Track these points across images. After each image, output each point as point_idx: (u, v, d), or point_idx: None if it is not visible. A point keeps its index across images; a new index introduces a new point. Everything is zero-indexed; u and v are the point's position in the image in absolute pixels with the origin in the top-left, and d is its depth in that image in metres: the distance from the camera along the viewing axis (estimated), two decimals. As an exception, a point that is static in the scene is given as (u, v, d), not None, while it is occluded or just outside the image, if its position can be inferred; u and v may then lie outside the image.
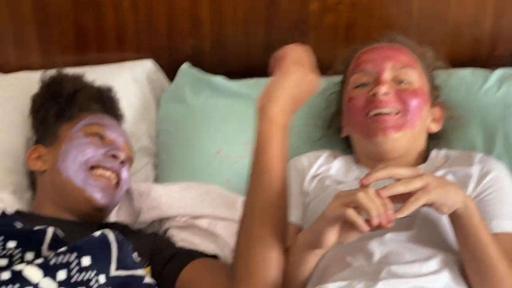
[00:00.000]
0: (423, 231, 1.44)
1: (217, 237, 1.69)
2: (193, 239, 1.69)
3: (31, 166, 1.71)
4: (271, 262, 1.40)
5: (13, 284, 1.22)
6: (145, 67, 2.02)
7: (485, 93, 1.86)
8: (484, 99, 1.85)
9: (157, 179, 1.90)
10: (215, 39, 2.03)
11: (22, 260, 1.32)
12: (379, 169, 1.32)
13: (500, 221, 1.46)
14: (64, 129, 1.71)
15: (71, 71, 1.86)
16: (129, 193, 1.76)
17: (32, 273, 1.25)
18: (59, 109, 1.77)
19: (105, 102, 1.83)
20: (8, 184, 1.79)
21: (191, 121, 1.91)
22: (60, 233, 1.38)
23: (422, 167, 1.60)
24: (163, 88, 2.04)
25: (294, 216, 1.56)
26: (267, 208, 1.43)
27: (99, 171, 1.65)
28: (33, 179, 1.75)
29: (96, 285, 1.27)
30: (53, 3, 1.98)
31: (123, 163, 1.69)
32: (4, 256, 1.32)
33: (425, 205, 1.31)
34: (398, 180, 1.32)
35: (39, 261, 1.27)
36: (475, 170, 1.55)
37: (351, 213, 1.29)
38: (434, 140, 1.71)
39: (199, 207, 1.73)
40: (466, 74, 1.90)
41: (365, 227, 1.28)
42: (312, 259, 1.42)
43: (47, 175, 1.67)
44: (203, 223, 1.71)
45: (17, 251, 1.33)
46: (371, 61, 1.64)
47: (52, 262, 1.27)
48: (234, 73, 1.99)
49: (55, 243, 1.34)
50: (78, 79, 1.84)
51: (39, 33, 2.00)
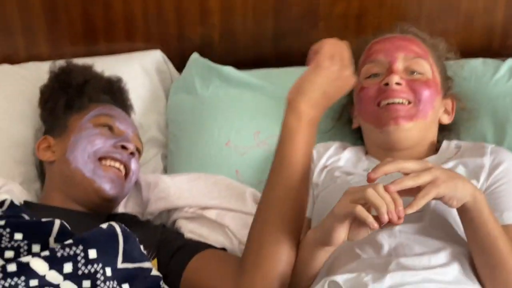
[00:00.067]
0: (433, 223, 1.43)
1: (226, 228, 1.68)
2: (201, 230, 1.68)
3: (40, 156, 1.71)
4: (282, 255, 1.40)
5: (19, 276, 1.22)
6: (154, 58, 2.02)
7: (496, 83, 1.84)
8: (494, 89, 1.84)
9: (166, 170, 1.90)
10: (224, 29, 2.02)
11: (28, 252, 1.31)
12: (387, 163, 1.31)
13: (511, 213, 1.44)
14: (73, 119, 1.71)
15: (80, 61, 1.86)
16: (137, 184, 1.76)
17: (38, 265, 1.25)
18: (68, 100, 1.76)
19: (114, 93, 1.83)
20: (16, 175, 1.79)
21: (200, 112, 1.90)
22: (67, 225, 1.37)
23: (433, 158, 1.59)
24: (172, 78, 2.03)
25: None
26: (284, 200, 1.42)
27: (108, 162, 1.65)
28: (42, 170, 1.75)
29: (102, 277, 1.27)
30: (62, -6, 1.98)
31: (132, 154, 1.68)
32: (11, 248, 1.32)
33: (434, 199, 1.30)
34: (406, 174, 1.30)
35: (46, 253, 1.27)
36: (487, 161, 1.54)
37: (360, 210, 1.27)
38: (444, 131, 1.70)
39: (207, 198, 1.72)
40: (477, 64, 1.89)
41: (374, 224, 1.26)
42: (322, 256, 1.41)
43: (56, 165, 1.67)
44: (211, 214, 1.70)
45: (24, 243, 1.32)
46: (383, 51, 1.63)
47: (58, 254, 1.27)
48: (243, 63, 1.98)
49: (62, 235, 1.34)
50: (87, 69, 1.83)
51: (47, 24, 2.00)
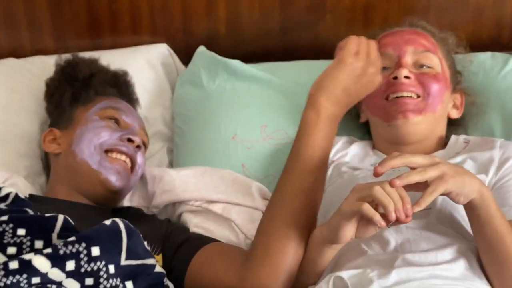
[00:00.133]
0: (440, 219, 1.42)
1: (232, 223, 1.67)
2: (207, 224, 1.68)
3: (46, 148, 1.70)
4: (290, 249, 1.39)
5: (21, 274, 1.22)
6: (160, 51, 2.01)
7: (505, 77, 1.83)
8: (503, 83, 1.82)
9: (172, 164, 1.89)
10: (230, 22, 2.00)
11: (31, 248, 1.31)
12: (394, 157, 1.29)
13: None
14: (79, 112, 1.70)
15: (85, 55, 1.85)
16: (142, 177, 1.75)
17: (40, 263, 1.24)
18: (74, 93, 1.76)
19: (120, 86, 1.82)
20: (21, 168, 1.78)
21: (207, 105, 1.89)
22: (70, 220, 1.37)
23: (441, 153, 1.58)
24: (177, 72, 2.02)
25: None
26: (296, 195, 1.41)
27: (114, 155, 1.64)
28: (47, 163, 1.75)
29: (105, 275, 1.26)
30: (66, -13, 1.97)
31: (138, 147, 1.67)
32: (13, 244, 1.31)
33: (441, 194, 1.28)
34: (413, 168, 1.29)
35: (48, 251, 1.26)
36: (496, 154, 1.53)
37: (367, 208, 1.26)
38: (452, 125, 1.69)
39: (213, 192, 1.71)
40: (486, 57, 1.87)
41: (382, 223, 1.25)
42: (328, 253, 1.40)
43: (61, 157, 1.67)
44: (217, 208, 1.69)
45: (27, 238, 1.32)
46: (391, 44, 1.62)
47: (61, 252, 1.26)
48: (249, 57, 1.96)
49: (66, 231, 1.33)
50: (93, 62, 1.83)
51: (52, 18, 1.99)
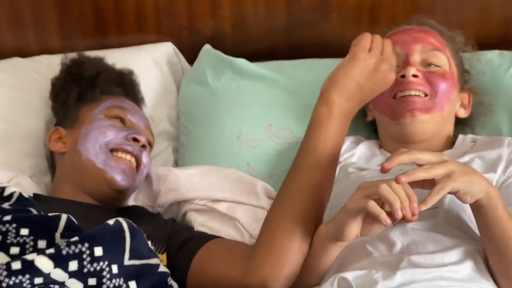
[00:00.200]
0: (447, 220, 1.41)
1: (236, 222, 1.67)
2: (211, 223, 1.67)
3: (51, 147, 1.70)
4: (294, 243, 1.38)
5: (24, 274, 1.21)
6: (165, 50, 2.00)
7: (512, 76, 1.82)
8: (510, 81, 1.81)
9: (177, 163, 1.89)
10: (235, 21, 1.99)
11: (34, 248, 1.30)
12: (401, 153, 1.28)
13: None
14: (84, 111, 1.70)
15: (91, 54, 1.86)
16: (147, 177, 1.75)
17: (43, 263, 1.23)
18: (80, 92, 1.76)
19: (126, 85, 1.82)
20: (26, 168, 1.78)
21: (212, 104, 1.88)
22: (74, 220, 1.36)
23: (449, 153, 1.57)
24: (183, 71, 2.02)
25: None
26: (304, 189, 1.40)
27: (119, 154, 1.64)
28: (52, 162, 1.74)
29: (108, 275, 1.26)
30: (72, -14, 1.97)
31: (143, 147, 1.67)
32: (17, 244, 1.30)
33: (448, 193, 1.27)
34: (420, 165, 1.28)
35: (51, 251, 1.26)
36: (504, 153, 1.52)
37: (373, 206, 1.25)
38: (459, 125, 1.68)
39: (218, 191, 1.71)
40: (493, 56, 1.86)
41: (387, 220, 1.24)
42: (333, 251, 1.39)
43: (67, 156, 1.67)
44: (222, 207, 1.69)
45: (30, 238, 1.31)
46: (399, 43, 1.61)
47: (64, 252, 1.26)
48: (255, 55, 1.96)
49: (69, 230, 1.33)
50: (99, 61, 1.83)
51: (59, 17, 1.98)
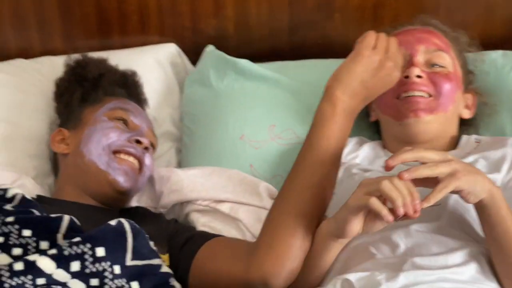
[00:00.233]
0: (451, 222, 1.40)
1: (239, 222, 1.67)
2: (214, 224, 1.67)
3: (54, 148, 1.70)
4: (296, 240, 1.38)
5: (26, 275, 1.21)
6: (168, 51, 2.00)
7: (516, 76, 1.82)
8: (514, 82, 1.81)
9: (180, 164, 1.89)
10: (238, 21, 1.99)
11: (36, 249, 1.30)
12: (405, 151, 1.28)
13: None
14: (87, 112, 1.70)
15: (94, 55, 1.85)
16: (150, 178, 1.75)
17: (45, 264, 1.24)
18: (84, 93, 1.76)
19: (129, 86, 1.82)
20: (30, 169, 1.78)
21: (215, 105, 1.88)
22: (76, 221, 1.36)
23: (453, 153, 1.56)
24: (186, 71, 2.01)
25: None
26: (307, 186, 1.40)
27: (122, 156, 1.64)
28: (55, 163, 1.74)
29: (111, 275, 1.26)
30: (75, -13, 1.97)
31: (146, 149, 1.67)
32: (19, 245, 1.31)
33: (452, 192, 1.27)
34: (424, 163, 1.27)
35: (53, 251, 1.26)
36: (509, 153, 1.52)
37: (375, 203, 1.25)
38: (463, 125, 1.68)
39: (221, 192, 1.71)
40: (497, 56, 1.85)
41: (389, 217, 1.24)
42: (335, 248, 1.39)
43: (70, 158, 1.66)
44: (224, 207, 1.69)
45: (32, 239, 1.31)
46: (403, 43, 1.60)
47: (66, 252, 1.26)
48: (258, 56, 1.95)
49: (71, 231, 1.33)
50: (103, 62, 1.83)
51: (62, 18, 1.98)
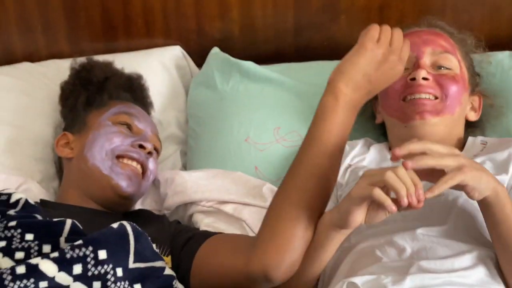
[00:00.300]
0: (458, 225, 1.39)
1: (243, 223, 1.66)
2: (218, 224, 1.67)
3: (59, 152, 1.70)
4: (298, 231, 1.37)
5: (28, 278, 1.21)
6: (174, 53, 2.00)
7: (522, 77, 1.81)
8: (520, 83, 1.80)
9: (185, 167, 1.88)
10: (243, 23, 1.99)
11: (39, 252, 1.30)
12: (413, 142, 1.27)
13: None
14: (92, 116, 1.70)
15: (100, 58, 1.85)
16: (155, 181, 1.75)
17: (47, 267, 1.23)
18: (89, 96, 1.76)
19: (135, 90, 1.82)
20: (36, 172, 1.79)
21: (220, 107, 1.88)
22: (79, 225, 1.36)
23: (459, 155, 1.55)
24: (191, 74, 2.02)
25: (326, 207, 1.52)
26: (309, 178, 1.39)
27: (125, 161, 1.64)
28: (60, 167, 1.74)
29: (113, 278, 1.26)
30: (80, -10, 1.97)
31: (150, 154, 1.67)
32: (21, 249, 1.31)
33: (456, 188, 1.26)
34: None
35: (55, 254, 1.26)
36: (516, 153, 1.51)
37: (378, 193, 1.24)
38: (470, 127, 1.67)
39: (224, 194, 1.70)
40: (503, 56, 1.85)
41: (393, 207, 1.23)
42: (337, 239, 1.38)
43: (74, 162, 1.66)
44: (228, 208, 1.69)
45: (35, 243, 1.31)
46: (409, 45, 1.59)
47: (68, 256, 1.26)
48: (263, 58, 1.96)
49: (74, 235, 1.33)
50: (108, 66, 1.83)
51: (67, 22, 1.99)
